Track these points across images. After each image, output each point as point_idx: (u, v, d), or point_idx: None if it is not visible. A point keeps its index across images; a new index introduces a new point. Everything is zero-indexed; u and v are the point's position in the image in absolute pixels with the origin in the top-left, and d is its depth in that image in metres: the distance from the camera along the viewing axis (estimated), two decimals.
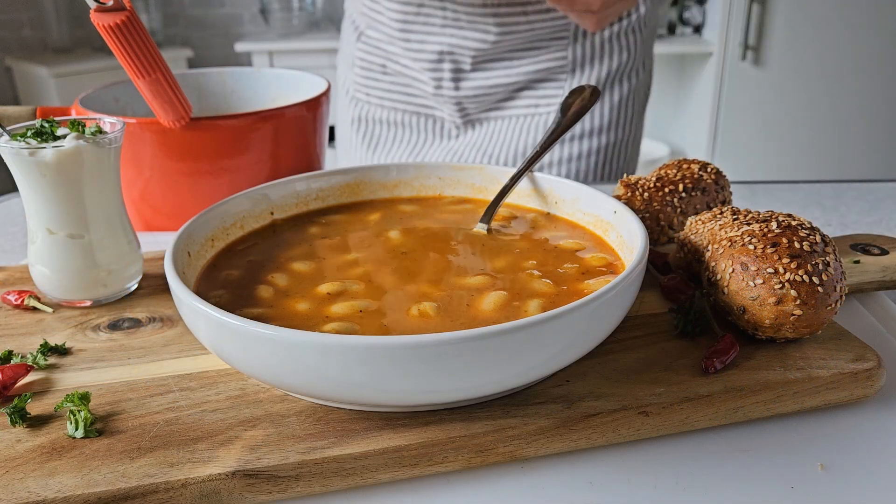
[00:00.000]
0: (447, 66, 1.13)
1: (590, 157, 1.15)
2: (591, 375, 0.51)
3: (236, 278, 0.56)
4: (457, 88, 1.14)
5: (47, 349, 0.55)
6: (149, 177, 0.80)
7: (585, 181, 1.13)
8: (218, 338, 0.45)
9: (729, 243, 0.55)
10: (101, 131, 0.62)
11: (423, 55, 1.14)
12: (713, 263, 0.56)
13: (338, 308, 0.51)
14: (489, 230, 0.64)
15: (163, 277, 0.66)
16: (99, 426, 0.47)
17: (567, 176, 1.15)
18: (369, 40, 1.21)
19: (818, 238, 0.53)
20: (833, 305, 0.52)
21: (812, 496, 0.44)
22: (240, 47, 3.33)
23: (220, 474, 0.42)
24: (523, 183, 0.69)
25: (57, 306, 0.63)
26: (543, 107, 1.12)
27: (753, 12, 2.88)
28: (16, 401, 0.48)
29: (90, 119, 0.64)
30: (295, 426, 0.46)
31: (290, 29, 3.30)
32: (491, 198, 0.70)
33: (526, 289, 0.53)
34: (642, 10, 1.14)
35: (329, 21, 3.50)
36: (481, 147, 1.15)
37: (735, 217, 0.58)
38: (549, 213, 0.67)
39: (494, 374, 0.43)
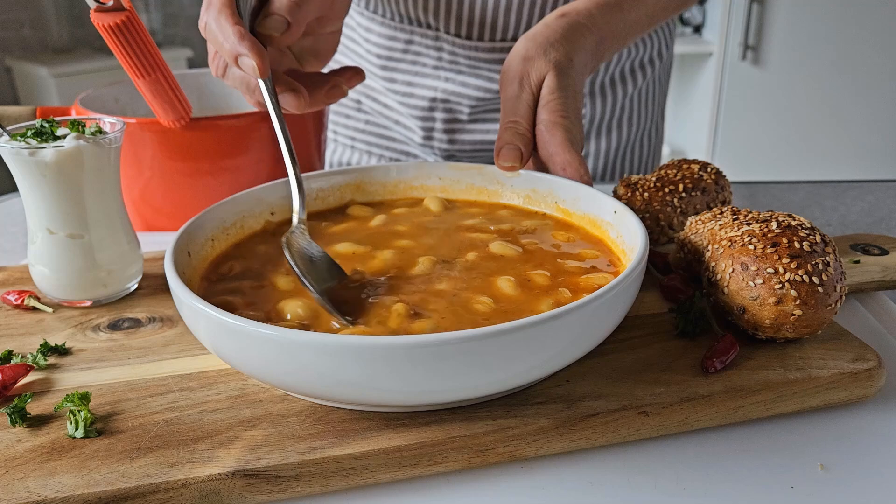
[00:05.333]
0: (440, 114, 0.97)
1: (617, 151, 1.04)
2: (591, 375, 0.51)
3: (237, 279, 0.56)
4: (451, 141, 0.99)
5: (47, 349, 0.55)
6: (149, 177, 0.80)
7: (612, 174, 1.07)
8: (218, 338, 0.45)
9: (729, 243, 0.55)
10: (101, 131, 0.62)
11: (411, 100, 0.98)
12: (713, 263, 0.56)
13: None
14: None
15: (163, 277, 0.66)
16: (99, 426, 0.47)
17: (596, 169, 1.05)
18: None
19: (818, 238, 0.53)
20: (833, 305, 0.52)
21: (812, 496, 0.44)
22: None
23: (220, 474, 0.42)
24: (523, 183, 0.69)
25: (57, 306, 0.63)
26: None
27: (753, 12, 2.88)
28: (16, 401, 0.48)
29: (90, 119, 0.63)
30: (295, 426, 0.46)
31: None
32: (492, 199, 0.70)
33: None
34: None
35: None
36: None
37: (735, 217, 0.58)
38: (547, 214, 0.67)
39: (494, 374, 0.43)
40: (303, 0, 0.58)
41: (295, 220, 0.57)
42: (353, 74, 0.68)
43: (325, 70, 0.70)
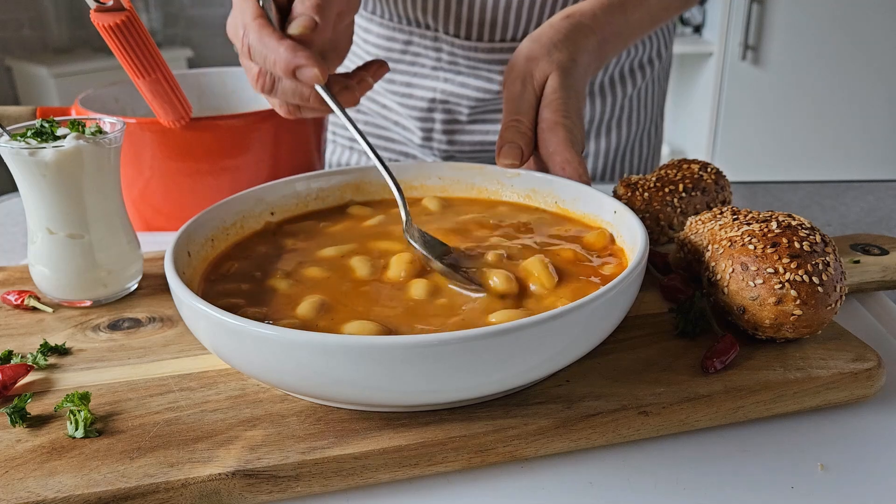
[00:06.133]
0: (439, 115, 0.97)
1: (617, 151, 1.04)
2: (591, 375, 0.51)
3: (237, 279, 0.56)
4: (450, 142, 0.99)
5: (47, 349, 0.55)
6: (149, 177, 0.80)
7: (612, 173, 1.07)
8: (218, 338, 0.45)
9: (729, 243, 0.55)
10: (101, 131, 0.62)
11: (410, 101, 0.98)
12: (713, 263, 0.56)
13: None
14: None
15: (163, 277, 0.66)
16: (99, 426, 0.47)
17: (596, 169, 1.06)
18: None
19: (818, 238, 0.53)
20: (833, 305, 0.52)
21: (812, 496, 0.44)
22: None
23: (220, 474, 0.42)
24: (523, 182, 0.69)
25: (57, 306, 0.63)
26: None
27: (753, 12, 2.88)
28: (16, 401, 0.48)
29: (90, 119, 0.63)
30: (295, 426, 0.46)
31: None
32: (492, 199, 0.70)
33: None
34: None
35: None
36: None
37: (735, 217, 0.58)
38: (548, 213, 0.67)
39: (494, 374, 0.43)
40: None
41: (403, 216, 0.60)
42: (378, 67, 0.69)
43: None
